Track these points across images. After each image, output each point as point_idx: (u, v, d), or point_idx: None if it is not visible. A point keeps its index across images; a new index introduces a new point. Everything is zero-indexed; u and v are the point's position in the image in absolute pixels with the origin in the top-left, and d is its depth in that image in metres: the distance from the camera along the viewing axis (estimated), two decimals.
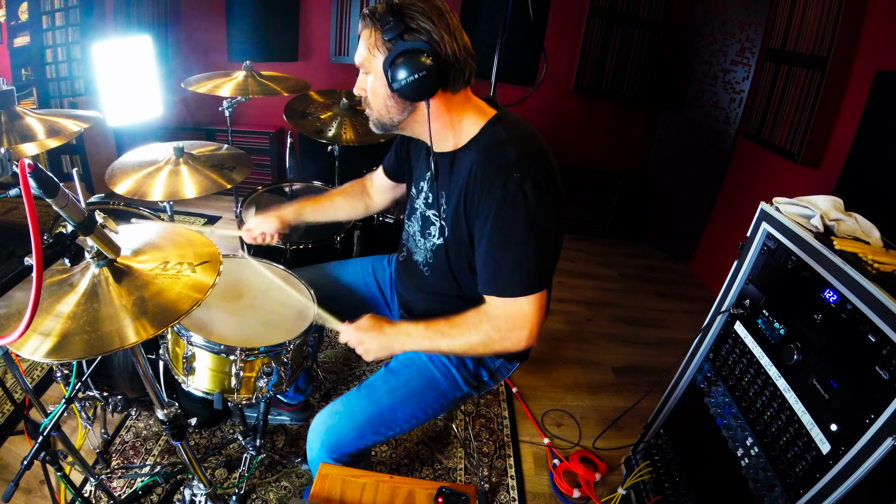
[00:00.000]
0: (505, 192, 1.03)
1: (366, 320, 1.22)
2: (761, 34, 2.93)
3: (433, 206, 1.22)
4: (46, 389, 1.95)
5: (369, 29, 1.04)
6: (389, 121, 1.12)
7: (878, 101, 2.05)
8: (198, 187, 1.59)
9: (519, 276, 1.06)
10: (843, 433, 1.01)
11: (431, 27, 1.00)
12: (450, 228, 1.18)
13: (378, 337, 1.19)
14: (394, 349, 1.20)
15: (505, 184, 1.03)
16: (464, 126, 1.13)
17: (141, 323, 0.77)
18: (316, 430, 1.25)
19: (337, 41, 3.45)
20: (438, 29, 1.00)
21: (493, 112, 1.14)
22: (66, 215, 0.74)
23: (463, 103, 1.12)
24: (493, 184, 1.04)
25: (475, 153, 1.10)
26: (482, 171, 1.07)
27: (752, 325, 1.34)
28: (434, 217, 1.23)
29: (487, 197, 1.05)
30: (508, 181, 1.03)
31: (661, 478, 1.61)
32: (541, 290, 1.07)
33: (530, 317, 1.07)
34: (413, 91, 1.02)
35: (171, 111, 3.33)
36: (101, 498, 1.54)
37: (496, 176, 1.04)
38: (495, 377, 1.35)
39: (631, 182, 3.80)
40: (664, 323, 2.97)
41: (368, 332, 1.20)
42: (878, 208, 1.34)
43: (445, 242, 1.21)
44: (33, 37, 2.79)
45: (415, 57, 0.99)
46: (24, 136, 1.26)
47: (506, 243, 1.05)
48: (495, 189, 1.04)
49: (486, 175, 1.06)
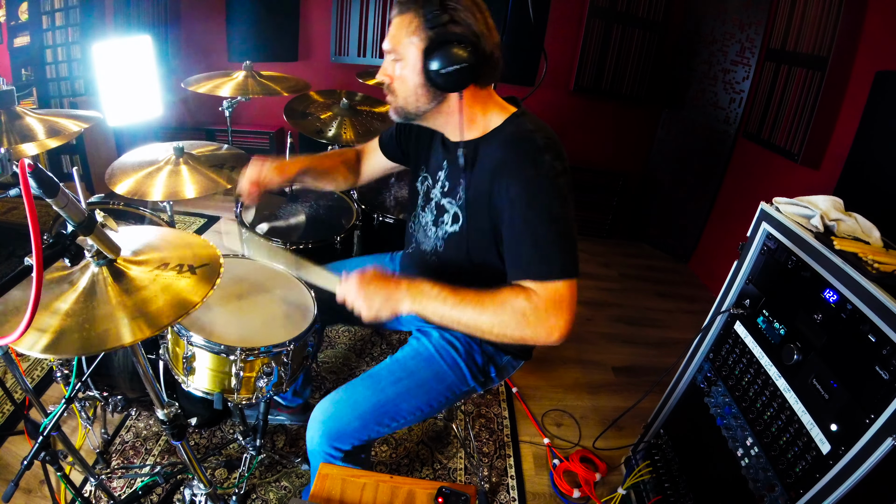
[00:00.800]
0: (537, 171, 1.03)
1: (371, 268, 1.09)
2: (761, 34, 2.93)
3: (450, 195, 1.22)
4: (46, 389, 1.94)
5: (409, 15, 1.03)
6: (415, 109, 1.11)
7: (878, 101, 2.04)
8: (198, 187, 1.59)
9: (556, 256, 1.01)
10: (843, 433, 1.01)
11: (473, 21, 1.01)
12: (466, 216, 1.18)
13: (386, 289, 1.05)
14: (400, 306, 1.05)
15: (535, 163, 1.04)
16: (486, 120, 1.15)
17: (138, 323, 0.77)
18: (317, 418, 1.21)
19: (337, 41, 3.45)
20: (479, 24, 1.02)
21: (514, 109, 1.17)
22: (66, 215, 0.74)
23: (486, 98, 1.14)
24: (522, 165, 1.04)
25: (501, 140, 1.11)
26: (511, 155, 1.07)
27: (752, 325, 1.34)
28: (449, 205, 1.22)
29: (517, 179, 1.04)
30: (539, 160, 1.04)
31: (661, 478, 1.61)
32: (576, 276, 1.01)
33: (569, 304, 0.99)
34: (447, 82, 1.02)
35: (171, 111, 3.33)
36: (101, 498, 1.54)
37: (526, 157, 1.05)
38: (501, 374, 1.35)
39: (631, 182, 3.80)
40: (664, 323, 2.97)
41: (374, 280, 1.06)
42: (878, 208, 1.34)
43: (460, 230, 1.20)
44: (33, 37, 2.79)
45: (459, 48, 1.00)
46: (24, 136, 1.26)
47: (541, 222, 1.02)
48: (526, 169, 1.04)
49: (514, 158, 1.06)
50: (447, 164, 1.23)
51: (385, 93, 1.14)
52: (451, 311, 1.03)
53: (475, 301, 1.03)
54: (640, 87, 3.53)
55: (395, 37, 1.06)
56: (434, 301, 1.04)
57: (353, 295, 1.06)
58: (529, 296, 1.00)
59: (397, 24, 1.05)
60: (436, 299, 1.04)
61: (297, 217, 2.00)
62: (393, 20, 1.06)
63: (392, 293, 1.05)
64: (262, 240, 1.45)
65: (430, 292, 1.05)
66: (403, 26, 1.04)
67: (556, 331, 0.99)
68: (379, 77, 1.12)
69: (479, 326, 1.03)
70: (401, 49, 1.06)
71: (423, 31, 1.02)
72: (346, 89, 2.45)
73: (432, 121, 1.16)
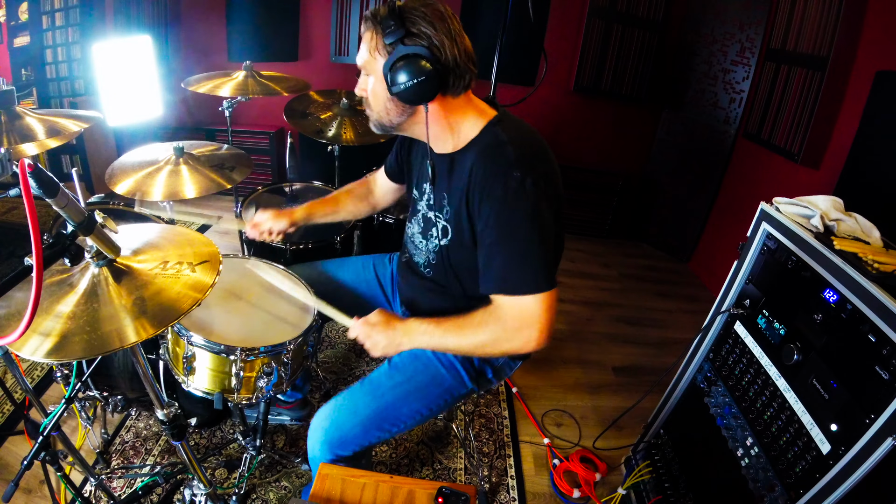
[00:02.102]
0: (506, 191, 1.03)
1: (376, 315, 1.21)
2: (761, 34, 2.93)
3: (435, 208, 1.22)
4: (46, 389, 1.95)
5: (371, 31, 1.04)
6: (389, 122, 1.13)
7: (878, 101, 2.04)
8: (198, 187, 1.59)
9: (524, 274, 1.05)
10: (843, 433, 1.01)
11: (432, 32, 1.00)
12: (452, 229, 1.18)
13: (387, 332, 1.18)
14: (402, 345, 1.19)
15: (506, 182, 1.03)
16: (463, 128, 1.13)
17: (141, 323, 0.77)
18: (317, 425, 1.23)
19: (337, 41, 3.45)
20: (439, 34, 1.01)
21: (494, 113, 1.15)
22: (66, 215, 0.74)
23: (463, 106, 1.13)
24: (493, 183, 1.05)
25: (475, 154, 1.10)
26: (482, 171, 1.07)
27: (752, 325, 1.34)
28: (436, 218, 1.23)
29: (488, 196, 1.05)
30: (509, 179, 1.03)
31: (661, 478, 1.61)
32: (549, 290, 1.05)
33: (539, 316, 1.05)
34: (412, 95, 1.02)
35: (171, 111, 3.33)
36: (101, 498, 1.54)
37: (496, 175, 1.05)
38: (499, 375, 1.35)
39: (631, 182, 3.80)
40: (664, 323, 2.97)
41: (377, 327, 1.19)
42: (878, 208, 1.34)
43: (449, 243, 1.21)
44: (33, 37, 2.79)
45: (414, 62, 0.99)
46: (24, 136, 1.26)
47: (509, 241, 1.05)
48: (496, 188, 1.04)
49: (486, 175, 1.06)
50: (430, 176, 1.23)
51: (364, 107, 1.16)
52: (438, 340, 1.16)
53: (455, 329, 1.14)
54: (640, 87, 3.53)
55: (362, 53, 1.08)
56: (423, 336, 1.17)
57: (362, 337, 1.20)
58: (499, 315, 1.09)
59: (364, 41, 1.07)
60: (424, 334, 1.17)
61: None
62: (362, 36, 1.08)
63: (392, 336, 1.18)
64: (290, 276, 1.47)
65: (419, 328, 1.18)
66: (367, 42, 1.05)
67: (532, 341, 1.07)
68: (357, 92, 1.15)
69: (463, 349, 1.18)
70: (368, 65, 1.07)
71: (383, 47, 1.02)
72: (345, 89, 2.45)
73: (410, 131, 1.17)
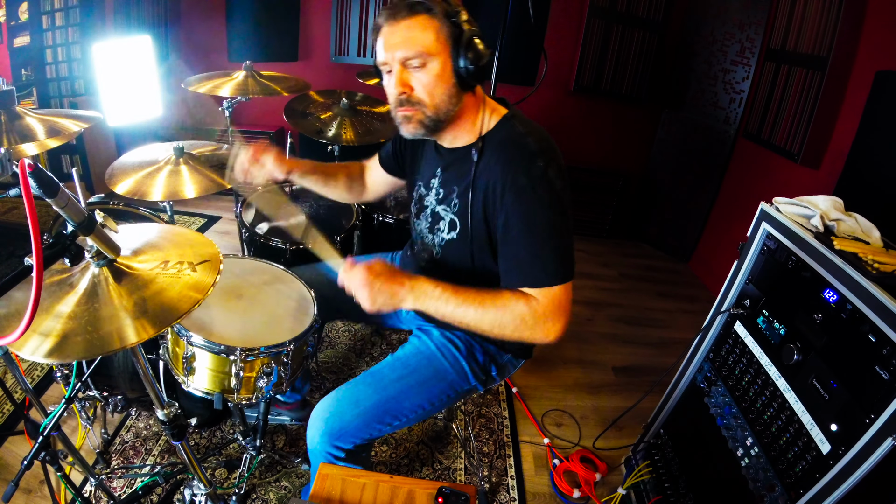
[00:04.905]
0: (530, 179, 1.02)
1: (379, 264, 1.08)
2: (761, 34, 2.93)
3: (444, 202, 1.21)
4: (46, 389, 1.94)
5: (423, 16, 1.00)
6: (446, 114, 1.07)
7: (877, 101, 2.05)
8: (198, 187, 1.59)
9: (553, 262, 1.03)
10: (843, 433, 1.01)
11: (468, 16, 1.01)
12: (462, 223, 1.17)
13: (390, 284, 1.05)
14: (403, 302, 1.06)
15: (529, 171, 1.03)
16: (485, 119, 1.13)
17: (141, 323, 0.77)
18: (318, 416, 1.20)
19: (337, 41, 3.45)
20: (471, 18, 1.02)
21: (505, 111, 1.16)
22: (66, 215, 0.74)
23: (483, 97, 1.14)
24: (517, 173, 1.04)
25: (494, 146, 1.10)
26: (504, 161, 1.06)
27: (752, 325, 1.34)
28: (444, 212, 1.22)
29: (511, 187, 1.04)
30: (533, 168, 1.03)
31: (661, 478, 1.61)
32: (572, 278, 1.04)
33: (565, 308, 1.03)
34: (476, 77, 1.01)
35: (170, 111, 3.32)
36: (101, 498, 1.54)
37: (519, 165, 1.04)
38: (502, 372, 1.35)
39: (631, 182, 3.80)
40: (664, 323, 2.97)
41: (381, 278, 1.05)
42: (878, 208, 1.34)
43: (458, 237, 1.20)
44: (33, 37, 2.79)
45: (479, 43, 0.99)
46: (24, 136, 1.26)
47: (537, 231, 1.03)
48: (520, 178, 1.03)
49: (508, 165, 1.05)
50: (440, 171, 1.23)
51: (400, 110, 1.07)
52: (453, 310, 1.06)
53: (477, 302, 1.05)
54: (640, 87, 3.53)
55: (414, 40, 1.00)
56: (436, 301, 1.06)
57: (357, 285, 1.05)
58: (529, 301, 1.04)
59: (420, 27, 1.00)
60: (438, 299, 1.06)
61: (297, 217, 2.00)
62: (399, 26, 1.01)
63: (396, 290, 1.06)
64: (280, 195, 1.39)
65: (433, 292, 1.06)
66: (428, 28, 1.00)
67: (553, 333, 1.05)
68: (400, 90, 1.05)
69: (479, 326, 1.06)
70: (432, 51, 1.00)
71: (446, 28, 1.00)
72: (346, 89, 2.45)
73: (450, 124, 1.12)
